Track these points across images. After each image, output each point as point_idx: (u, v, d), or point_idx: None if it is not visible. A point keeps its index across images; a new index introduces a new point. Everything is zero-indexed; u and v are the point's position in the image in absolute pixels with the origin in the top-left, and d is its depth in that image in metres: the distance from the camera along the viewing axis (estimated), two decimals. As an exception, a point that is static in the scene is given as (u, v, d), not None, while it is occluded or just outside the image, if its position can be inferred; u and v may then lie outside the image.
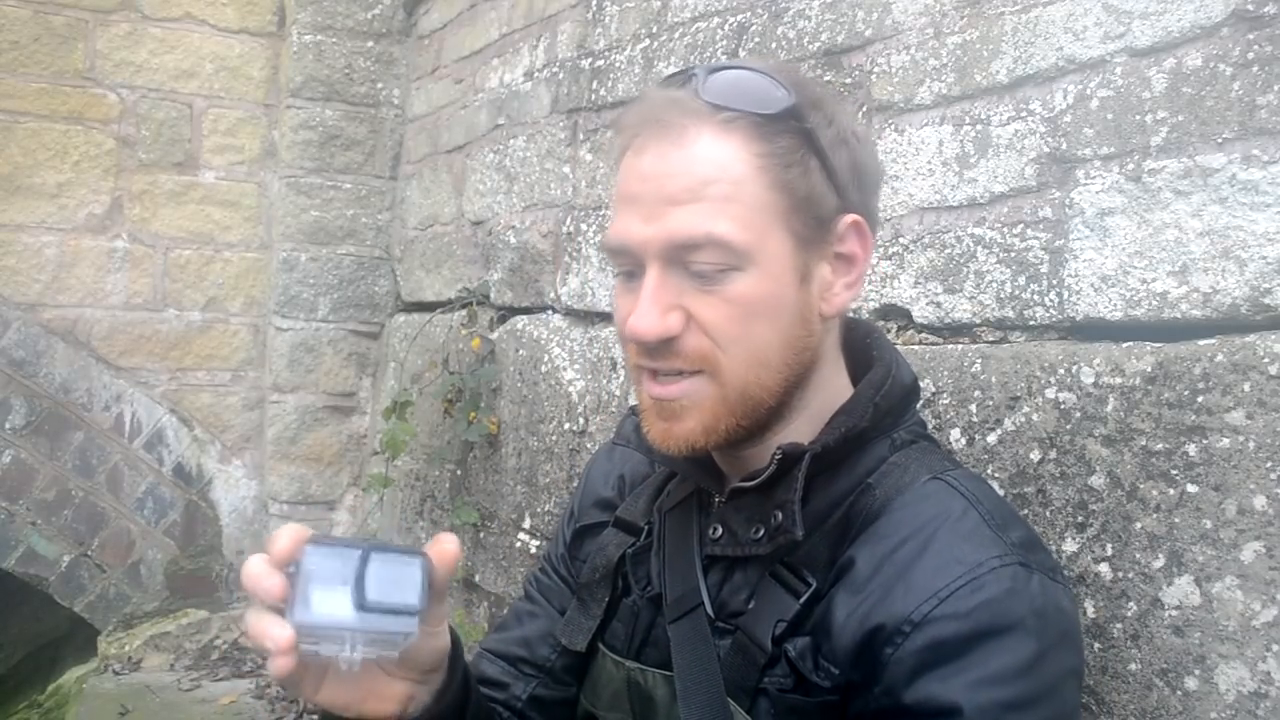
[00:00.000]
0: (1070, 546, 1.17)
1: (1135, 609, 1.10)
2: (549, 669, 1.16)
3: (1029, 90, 1.31)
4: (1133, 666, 1.10)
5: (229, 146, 3.84)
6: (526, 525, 2.56)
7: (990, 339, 1.36)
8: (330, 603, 0.76)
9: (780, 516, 0.93)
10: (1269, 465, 1.00)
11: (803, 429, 0.97)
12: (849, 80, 1.62)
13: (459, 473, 2.98)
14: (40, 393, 3.58)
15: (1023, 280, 1.30)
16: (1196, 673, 1.04)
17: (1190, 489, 1.06)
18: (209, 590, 3.81)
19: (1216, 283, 1.08)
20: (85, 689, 3.42)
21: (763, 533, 0.95)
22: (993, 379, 1.29)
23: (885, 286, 1.52)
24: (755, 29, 1.84)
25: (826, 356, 0.98)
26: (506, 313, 2.83)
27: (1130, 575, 1.11)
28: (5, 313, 3.56)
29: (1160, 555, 1.09)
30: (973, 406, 1.31)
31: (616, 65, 2.33)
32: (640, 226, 0.91)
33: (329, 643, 0.77)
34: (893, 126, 1.53)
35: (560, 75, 2.59)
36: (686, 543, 1.03)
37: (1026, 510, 1.22)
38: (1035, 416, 1.23)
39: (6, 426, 3.53)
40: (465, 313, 2.95)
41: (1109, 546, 1.14)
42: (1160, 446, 1.09)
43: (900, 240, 1.50)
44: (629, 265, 0.94)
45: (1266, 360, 1.01)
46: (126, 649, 3.59)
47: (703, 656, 0.96)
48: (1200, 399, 1.06)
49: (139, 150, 3.73)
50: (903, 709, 0.83)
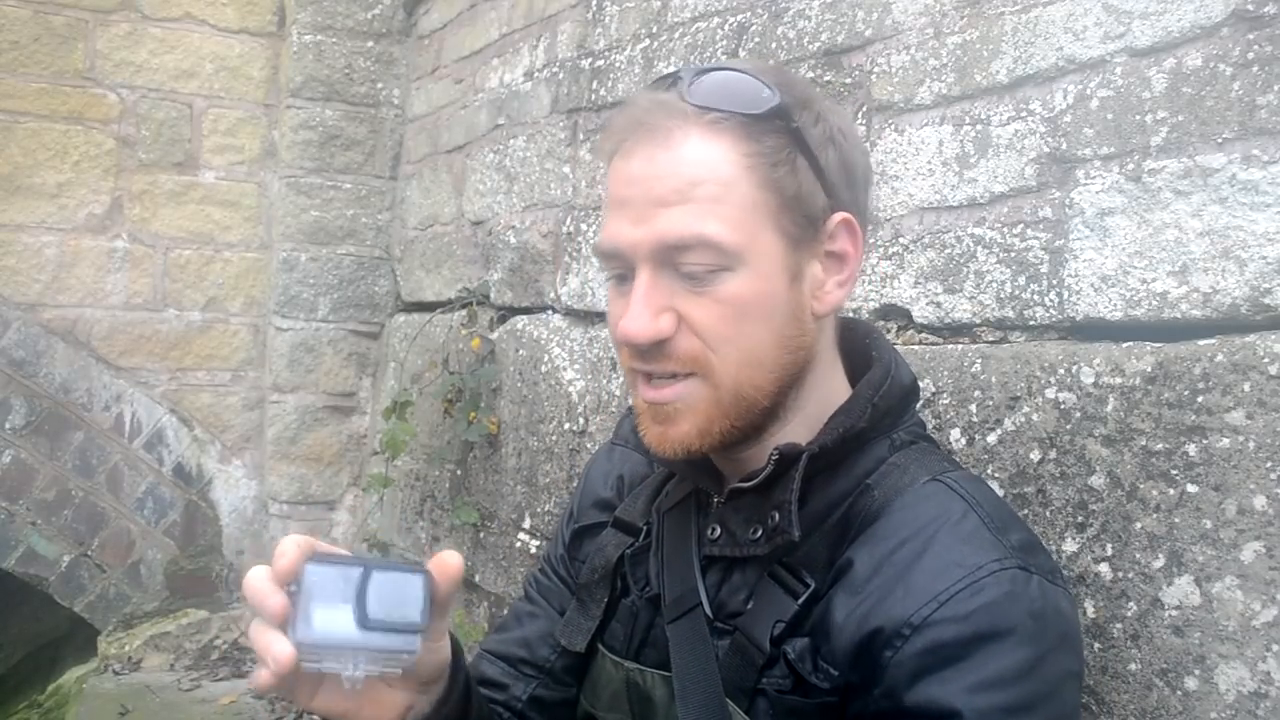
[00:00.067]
0: (1070, 547, 1.17)
1: (1135, 609, 1.10)
2: (549, 669, 1.16)
3: (1029, 90, 1.31)
4: (1133, 666, 1.10)
5: (229, 146, 3.84)
6: (526, 525, 2.56)
7: (990, 339, 1.36)
8: (332, 621, 0.76)
9: (778, 517, 0.93)
10: (1269, 465, 1.00)
11: (800, 430, 0.97)
12: (849, 80, 1.62)
13: (459, 473, 2.98)
14: (40, 393, 3.58)
15: (1023, 280, 1.30)
16: (1196, 673, 1.04)
17: (1190, 489, 1.06)
18: (209, 590, 3.81)
19: (1216, 283, 1.08)
20: (85, 689, 3.42)
21: (761, 533, 0.95)
22: (993, 379, 1.29)
23: (885, 286, 1.52)
24: (755, 29, 1.84)
25: (821, 356, 0.98)
26: (506, 313, 2.83)
27: (1130, 575, 1.11)
28: (5, 313, 3.56)
29: (1160, 555, 1.08)
30: (973, 406, 1.31)
31: (616, 65, 2.33)
32: (630, 229, 0.91)
33: (331, 660, 0.77)
34: (893, 126, 1.52)
35: (560, 75, 2.59)
36: (685, 543, 1.03)
37: (1026, 510, 1.22)
38: (1035, 416, 1.23)
39: (6, 426, 3.53)
40: (465, 313, 2.95)
41: (1109, 546, 1.14)
42: (1160, 446, 1.09)
43: (900, 240, 1.49)
44: (620, 269, 0.94)
45: (1266, 360, 1.01)
46: (126, 649, 3.59)
47: (701, 657, 0.96)
48: (1200, 399, 1.06)
49: (139, 150, 3.73)
50: (902, 712, 0.83)
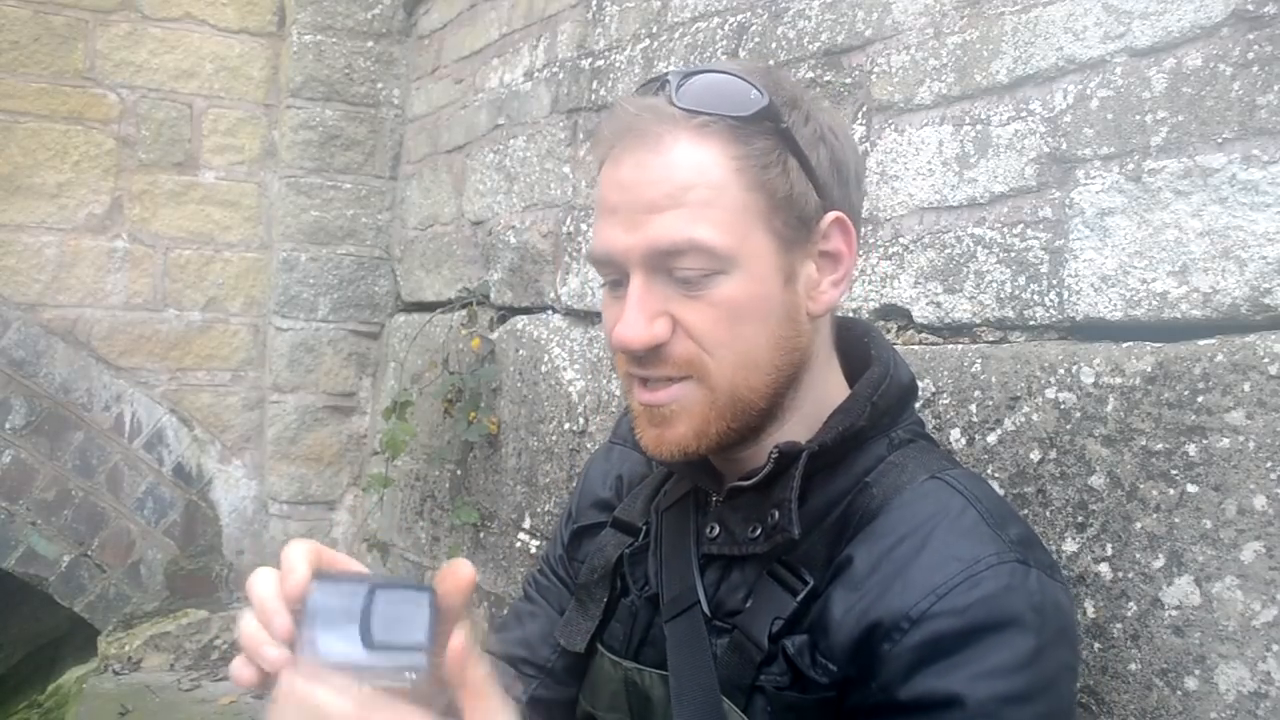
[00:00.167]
0: (1070, 546, 1.17)
1: (1135, 609, 1.10)
2: (549, 669, 1.16)
3: (1029, 90, 1.31)
4: (1133, 666, 1.10)
5: (229, 146, 3.84)
6: (526, 525, 2.56)
7: (990, 339, 1.36)
8: (337, 641, 0.76)
9: (777, 515, 0.93)
10: (1269, 465, 1.00)
11: (797, 429, 0.97)
12: (849, 80, 1.62)
13: (459, 473, 2.98)
14: (40, 393, 3.58)
15: (1023, 280, 1.30)
16: (1196, 673, 1.04)
17: (1190, 489, 1.06)
18: (209, 590, 3.81)
19: (1216, 283, 1.08)
20: (85, 689, 3.42)
21: (760, 531, 0.95)
22: (993, 379, 1.29)
23: (885, 286, 1.52)
24: (755, 29, 1.84)
25: (818, 356, 0.98)
26: (506, 313, 2.83)
27: (1130, 575, 1.11)
28: (5, 313, 3.55)
29: (1160, 555, 1.08)
30: (973, 406, 1.31)
31: (616, 65, 2.33)
32: (622, 235, 0.91)
33: (336, 679, 0.78)
34: (893, 126, 1.52)
35: (560, 75, 2.59)
36: (683, 542, 1.03)
37: (1026, 510, 1.22)
38: (1035, 416, 1.23)
39: (6, 426, 3.52)
40: (465, 313, 2.95)
41: (1109, 546, 1.14)
42: (1160, 446, 1.09)
43: (900, 240, 1.49)
44: (614, 274, 0.94)
45: (1266, 360, 1.01)
46: (126, 649, 3.59)
47: (697, 655, 0.96)
48: (1200, 399, 1.06)
49: (139, 150, 3.73)
50: (899, 704, 0.83)
